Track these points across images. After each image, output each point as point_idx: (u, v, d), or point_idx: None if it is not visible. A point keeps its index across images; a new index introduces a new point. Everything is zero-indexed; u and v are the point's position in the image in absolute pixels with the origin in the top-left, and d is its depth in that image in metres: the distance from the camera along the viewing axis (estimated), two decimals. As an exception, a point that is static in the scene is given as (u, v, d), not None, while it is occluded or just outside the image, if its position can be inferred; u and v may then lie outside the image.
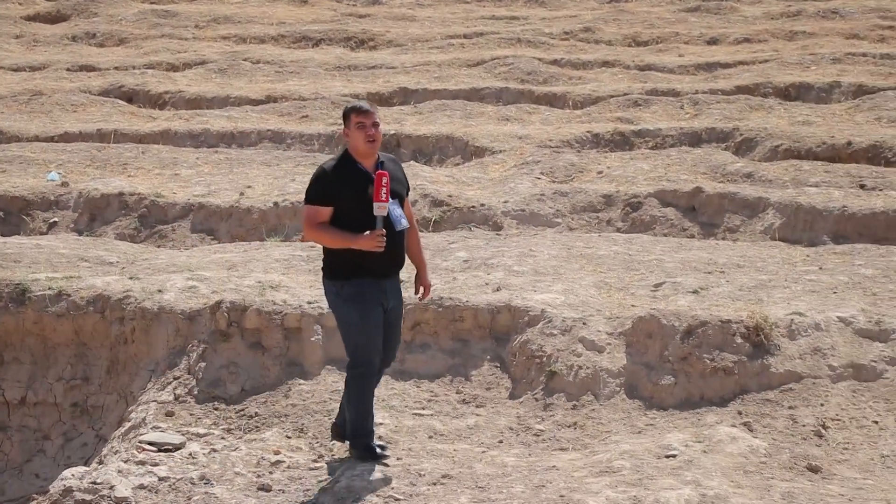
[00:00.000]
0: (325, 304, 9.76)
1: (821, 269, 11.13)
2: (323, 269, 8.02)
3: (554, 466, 8.08)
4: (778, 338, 9.28)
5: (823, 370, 9.14)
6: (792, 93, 21.20)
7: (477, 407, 9.21)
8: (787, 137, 17.19)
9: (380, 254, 7.74)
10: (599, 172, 15.80)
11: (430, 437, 8.71)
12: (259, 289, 10.00)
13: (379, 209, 7.71)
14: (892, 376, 9.10)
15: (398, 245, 7.94)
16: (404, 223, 7.95)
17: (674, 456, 8.07)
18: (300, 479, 8.14)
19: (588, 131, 18.15)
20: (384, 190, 7.70)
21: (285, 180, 15.07)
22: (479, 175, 15.66)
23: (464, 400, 9.32)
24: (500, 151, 17.05)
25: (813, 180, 14.85)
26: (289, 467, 8.31)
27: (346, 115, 7.97)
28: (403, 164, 16.01)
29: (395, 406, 9.11)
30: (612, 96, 20.81)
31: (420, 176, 15.15)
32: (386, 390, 9.29)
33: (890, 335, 9.38)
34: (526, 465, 8.08)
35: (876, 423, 8.72)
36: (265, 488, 7.98)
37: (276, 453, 8.46)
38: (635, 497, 7.40)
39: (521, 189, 14.79)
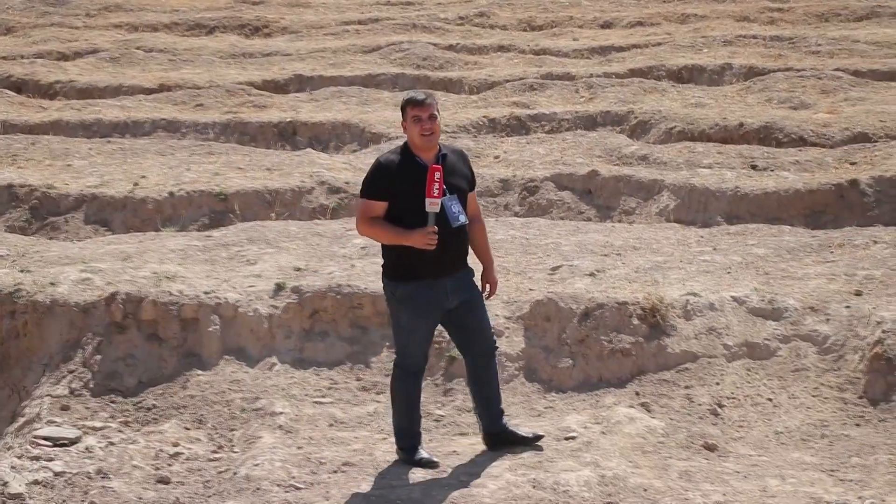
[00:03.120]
0: (222, 293, 9.71)
1: (715, 249, 11.26)
2: (382, 266, 7.88)
3: (454, 451, 8.10)
4: (674, 318, 9.38)
5: (718, 349, 9.25)
6: (685, 75, 21.42)
7: (377, 394, 9.19)
8: (681, 120, 17.36)
9: (434, 251, 7.52)
10: (496, 157, 15.85)
11: (331, 425, 8.69)
12: (155, 280, 9.90)
13: (431, 205, 7.47)
14: (786, 354, 9.24)
15: (455, 242, 7.70)
16: (462, 219, 7.68)
17: (573, 438, 8.13)
18: (199, 470, 8.07)
19: (484, 116, 18.18)
20: (436, 185, 7.46)
21: (180, 170, 14.91)
22: (376, 161, 15.61)
23: (364, 387, 9.31)
24: (397, 138, 17.00)
25: (706, 162, 15.02)
26: (188, 459, 8.24)
27: (403, 108, 7.66)
28: (299, 152, 15.99)
29: (295, 395, 9.07)
30: (507, 81, 20.87)
31: (317, 163, 15.09)
32: (286, 379, 9.25)
33: (783, 314, 9.52)
34: (426, 451, 8.08)
35: (770, 400, 8.86)
36: (164, 481, 7.90)
37: (175, 445, 8.38)
38: (535, 480, 7.44)
39: (418, 175, 14.77)
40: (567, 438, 8.14)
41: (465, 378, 9.21)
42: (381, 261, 8.02)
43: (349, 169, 15.05)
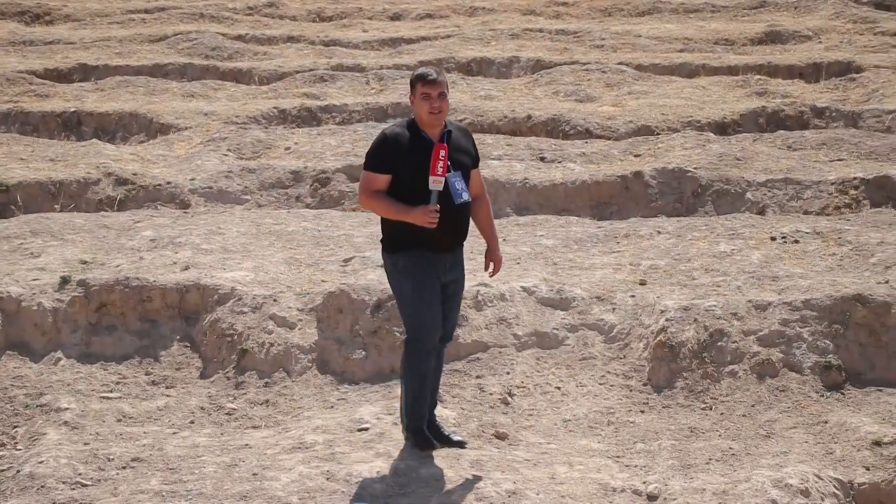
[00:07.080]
0: (3, 287, 9.44)
1: (505, 240, 11.40)
2: (381, 240, 7.71)
3: (247, 445, 8.04)
4: (465, 309, 9.47)
5: (509, 339, 9.38)
6: (474, 68, 21.64)
7: (167, 388, 9.08)
8: (471, 112, 17.54)
9: (436, 228, 7.42)
10: (287, 148, 15.75)
11: (119, 421, 8.54)
12: (-68, 274, 9.58)
13: (434, 183, 7.40)
14: (573, 343, 9.43)
15: (457, 219, 7.60)
16: (465, 197, 7.58)
17: (366, 429, 8.15)
18: (-19, 470, 7.84)
19: (275, 107, 18.06)
20: (440, 163, 7.39)
21: (-41, 160, 14.44)
22: (164, 153, 15.38)
23: (153, 381, 9.18)
24: (186, 128, 16.79)
25: (496, 153, 15.19)
26: (-31, 458, 8.00)
27: (413, 83, 7.58)
28: (85, 143, 15.63)
29: (81, 390, 8.88)
30: (297, 72, 20.78)
31: (103, 154, 14.78)
32: (71, 374, 9.07)
33: (570, 303, 9.70)
34: (218, 445, 8.01)
35: (559, 388, 9.02)
36: (-56, 482, 7.66)
37: (-45, 445, 8.13)
38: (328, 472, 7.44)
39: (208, 166, 14.60)
40: (360, 430, 8.15)
41: (256, 372, 9.18)
42: (170, 253, 7.91)
43: (137, 160, 14.79)
